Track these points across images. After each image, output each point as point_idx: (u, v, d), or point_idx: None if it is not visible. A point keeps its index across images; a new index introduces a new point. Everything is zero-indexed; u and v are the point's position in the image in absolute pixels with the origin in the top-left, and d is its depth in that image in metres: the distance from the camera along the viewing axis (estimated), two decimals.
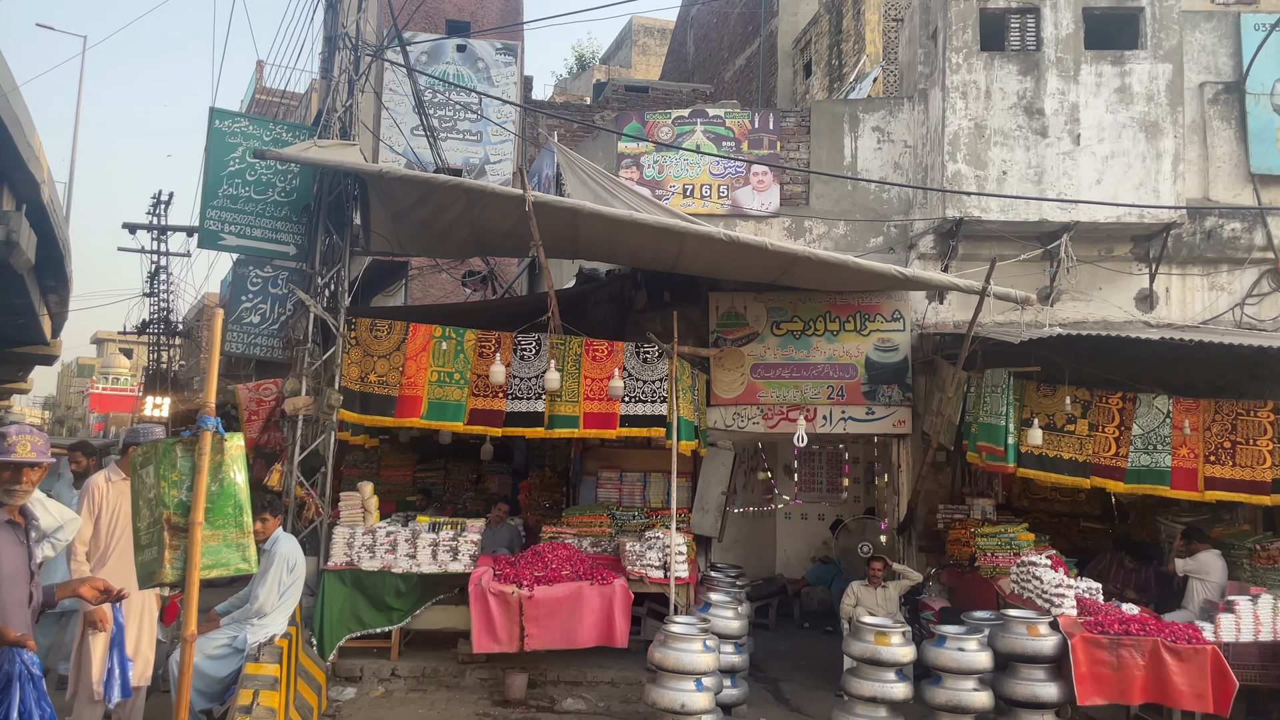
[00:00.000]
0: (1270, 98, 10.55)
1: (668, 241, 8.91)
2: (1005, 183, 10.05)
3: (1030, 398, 9.27)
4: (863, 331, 10.67)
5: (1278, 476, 8.72)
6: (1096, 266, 10.45)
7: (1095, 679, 7.21)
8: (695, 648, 7.27)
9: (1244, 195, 10.54)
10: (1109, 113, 10.01)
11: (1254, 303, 10.43)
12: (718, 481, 10.56)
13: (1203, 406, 8.93)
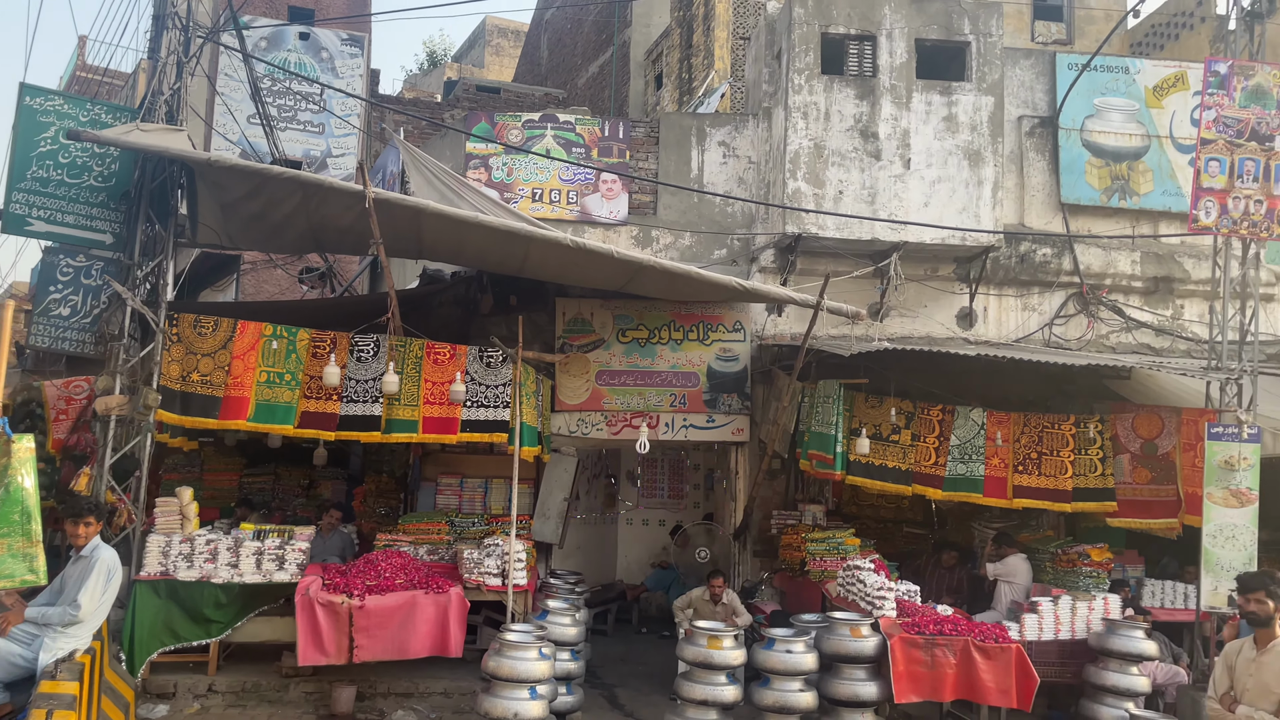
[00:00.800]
0: (1080, 133, 11.40)
1: (514, 245, 8.83)
2: (841, 202, 10.46)
3: (859, 408, 9.67)
4: (705, 341, 10.88)
5: (1078, 486, 9.40)
6: (923, 285, 11.01)
7: (911, 677, 7.58)
8: (530, 655, 7.21)
9: (1055, 223, 11.35)
10: (937, 139, 10.58)
11: (1061, 323, 11.22)
12: (560, 488, 10.54)
13: (1013, 419, 9.55)
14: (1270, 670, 5.12)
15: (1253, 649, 5.28)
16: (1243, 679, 5.20)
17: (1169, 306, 11.32)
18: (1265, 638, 5.25)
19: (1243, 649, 5.34)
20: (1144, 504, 9.44)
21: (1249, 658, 5.24)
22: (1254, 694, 5.12)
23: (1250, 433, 8.75)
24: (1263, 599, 5.24)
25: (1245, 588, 5.38)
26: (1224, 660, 5.43)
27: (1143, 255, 11.28)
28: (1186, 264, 11.22)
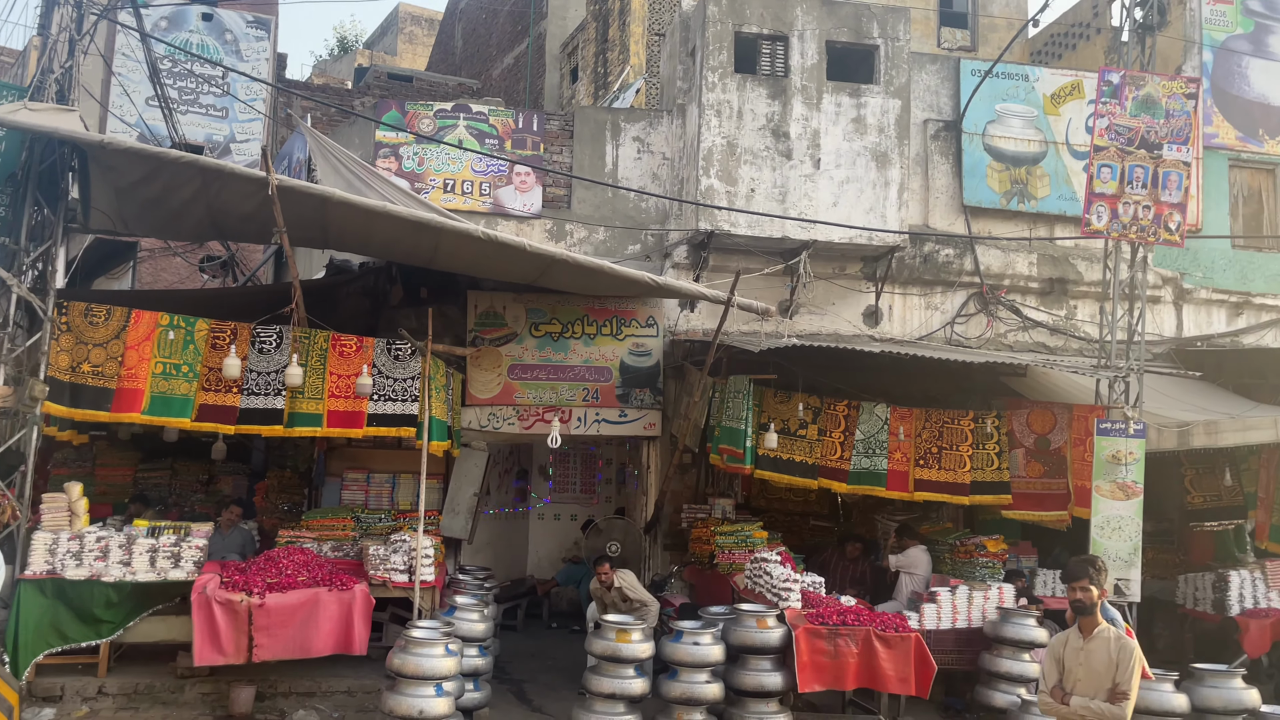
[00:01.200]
0: (982, 138, 11.76)
1: (424, 236, 8.70)
2: (753, 200, 10.59)
3: (768, 403, 9.81)
4: (619, 336, 10.89)
5: (975, 479, 9.71)
6: (831, 283, 11.22)
7: (815, 667, 7.73)
8: (437, 652, 7.13)
9: (957, 224, 11.69)
10: (846, 140, 10.79)
11: (962, 322, 11.57)
12: (470, 483, 10.44)
13: (916, 414, 9.80)
14: (1098, 657, 5.05)
15: (1079, 638, 5.18)
16: (1073, 669, 5.12)
17: (1063, 307, 11.76)
18: (1090, 625, 5.15)
19: (1069, 639, 5.23)
20: (1037, 497, 9.80)
21: (1076, 647, 5.16)
22: (1085, 683, 5.05)
23: (1136, 428, 9.16)
24: (1087, 587, 5.16)
25: (1070, 576, 5.29)
26: (1051, 653, 5.31)
27: (1039, 257, 11.70)
28: (1080, 266, 11.68)
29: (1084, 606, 5.16)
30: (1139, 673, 5.00)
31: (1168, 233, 9.36)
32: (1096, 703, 4.95)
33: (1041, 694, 5.27)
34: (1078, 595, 5.19)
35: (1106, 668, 5.01)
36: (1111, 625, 5.25)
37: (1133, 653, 5.00)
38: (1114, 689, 4.95)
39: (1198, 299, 11.99)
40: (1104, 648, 5.06)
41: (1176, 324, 11.93)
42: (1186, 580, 10.77)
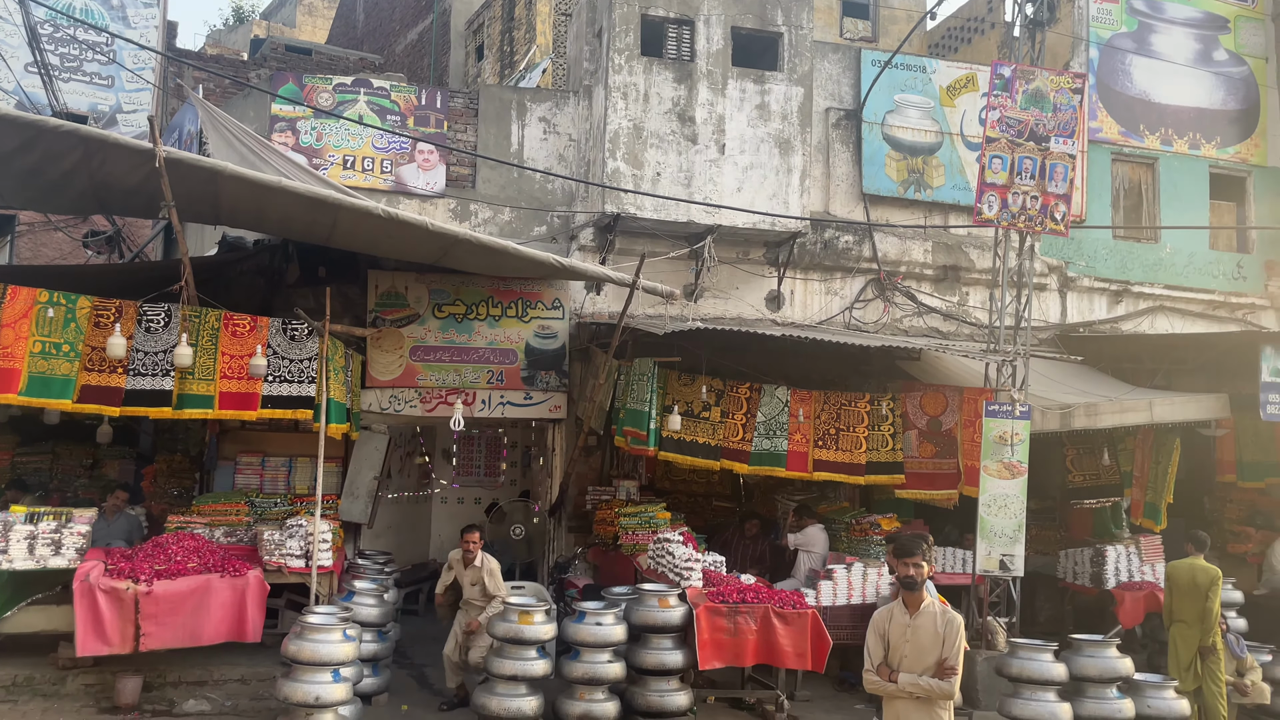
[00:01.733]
0: (881, 127, 12.03)
1: (322, 213, 8.47)
2: (659, 183, 10.63)
3: (672, 386, 9.89)
4: (524, 318, 10.82)
5: (871, 460, 9.98)
6: (735, 268, 11.36)
7: (715, 645, 7.86)
8: (334, 638, 7.01)
9: (857, 212, 11.95)
10: (750, 127, 10.91)
11: (860, 307, 11.85)
12: (370, 466, 10.26)
13: (815, 397, 10.02)
14: (925, 633, 4.89)
15: (905, 614, 5.00)
16: (899, 646, 4.94)
17: (956, 293, 12.15)
18: (916, 601, 4.98)
19: (894, 615, 5.04)
20: (929, 476, 10.13)
21: (903, 623, 4.98)
22: (912, 660, 4.89)
23: (1022, 410, 9.54)
24: (919, 562, 4.98)
25: (903, 552, 5.06)
26: (875, 629, 5.09)
27: (934, 245, 12.06)
28: (972, 254, 12.08)
29: (914, 583, 4.98)
30: (963, 643, 4.91)
31: (1054, 222, 9.75)
32: (925, 679, 4.83)
33: (867, 673, 5.06)
34: (909, 571, 4.98)
35: (933, 643, 4.88)
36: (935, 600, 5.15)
37: (959, 628, 4.91)
38: (942, 664, 4.84)
39: (1081, 287, 12.53)
40: (930, 623, 4.93)
41: (1061, 310, 12.45)
42: (1067, 555, 11.30)
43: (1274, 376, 9.98)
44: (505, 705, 7.40)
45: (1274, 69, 13.45)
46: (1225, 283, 13.01)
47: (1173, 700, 7.85)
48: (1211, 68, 13.25)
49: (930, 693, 4.83)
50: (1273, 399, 9.97)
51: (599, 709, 7.59)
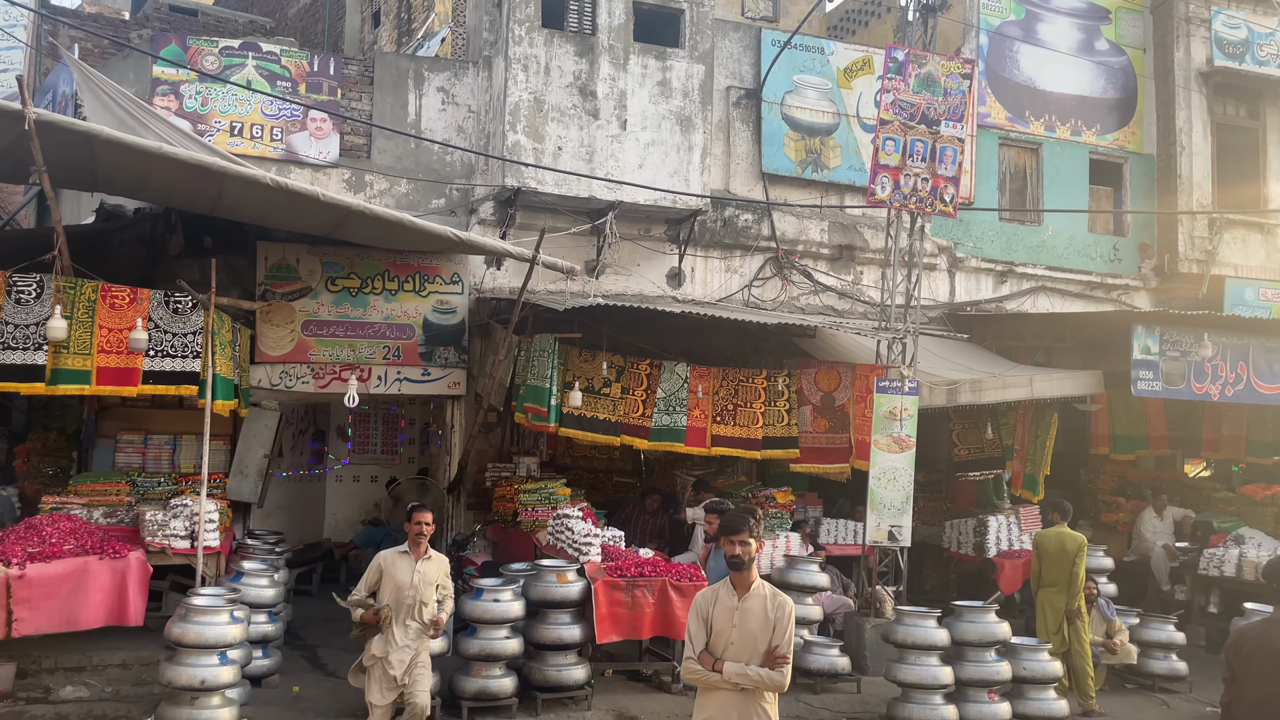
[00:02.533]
0: (781, 107, 12.18)
1: (206, 181, 8.14)
2: (560, 158, 10.55)
3: (573, 362, 9.88)
4: (422, 292, 10.64)
5: (767, 435, 10.17)
6: (636, 244, 11.38)
7: (613, 618, 7.93)
8: (220, 620, 6.83)
9: (756, 191, 12.09)
10: (652, 103, 10.91)
11: (759, 285, 12.02)
12: (260, 444, 9.97)
13: (714, 373, 10.15)
14: (754, 617, 4.44)
15: (732, 595, 4.50)
16: (724, 631, 4.45)
17: (851, 272, 12.43)
18: (744, 583, 4.51)
19: (719, 597, 4.54)
20: (822, 450, 10.39)
21: (730, 606, 4.49)
22: (739, 646, 4.41)
23: (911, 386, 9.84)
24: (746, 540, 4.50)
25: (729, 529, 4.58)
26: (697, 612, 4.57)
27: (830, 225, 12.30)
28: (867, 234, 12.36)
29: (742, 562, 4.49)
30: (793, 629, 4.50)
31: (943, 204, 10.05)
32: (755, 669, 4.36)
33: (688, 660, 4.52)
34: (736, 550, 4.49)
35: (763, 628, 4.42)
36: (766, 581, 4.69)
37: (790, 613, 4.49)
38: (772, 652, 4.41)
39: (969, 267, 12.96)
40: (760, 607, 4.47)
41: (950, 290, 12.86)
42: (952, 525, 11.76)
43: (1144, 354, 10.53)
44: None
45: (1151, 59, 14.09)
46: (1102, 264, 13.63)
47: (1046, 662, 8.26)
48: (1093, 57, 13.80)
49: (759, 683, 4.39)
50: (1143, 375, 10.52)
51: (496, 685, 7.58)
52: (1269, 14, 14.14)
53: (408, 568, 6.42)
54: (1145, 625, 9.81)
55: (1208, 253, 13.54)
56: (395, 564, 6.44)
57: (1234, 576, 10.96)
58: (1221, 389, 10.78)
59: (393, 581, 6.38)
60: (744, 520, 4.59)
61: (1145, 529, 12.33)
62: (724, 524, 4.67)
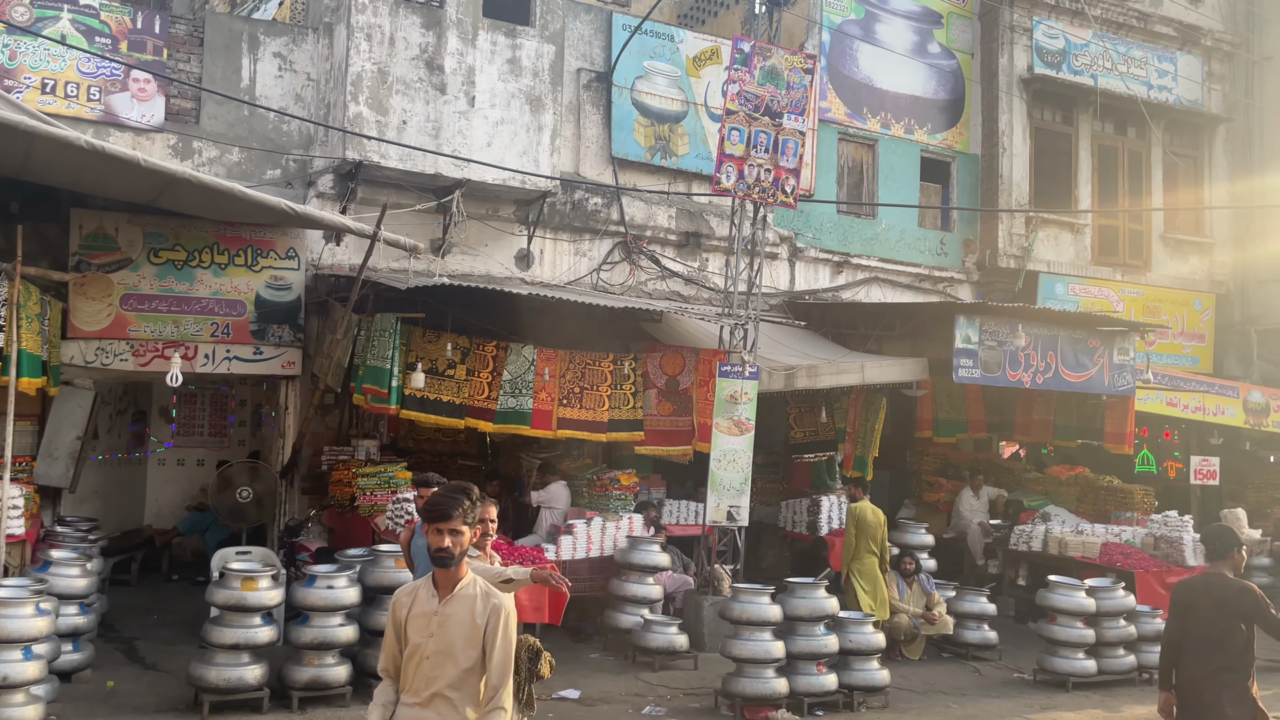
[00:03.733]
0: (631, 92, 12.24)
1: (13, 141, 7.50)
2: (405, 132, 10.26)
3: (416, 343, 9.67)
4: (254, 267, 10.16)
5: (613, 418, 10.25)
6: (484, 224, 11.22)
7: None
8: (24, 612, 6.35)
9: (606, 175, 12.13)
10: (501, 81, 10.75)
11: (608, 269, 12.07)
12: (72, 425, 9.33)
13: (561, 356, 10.14)
14: (458, 625, 3.47)
15: (433, 597, 3.53)
16: (421, 642, 3.50)
17: (697, 259, 12.66)
18: (449, 581, 3.53)
19: (417, 597, 3.58)
20: (666, 433, 10.56)
21: (428, 610, 3.51)
22: (433, 662, 3.47)
23: (751, 371, 10.12)
24: (458, 528, 3.51)
25: (434, 515, 3.53)
26: (391, 616, 3.62)
27: (678, 211, 12.47)
28: (712, 222, 12.60)
29: (450, 557, 3.47)
30: (513, 644, 3.53)
31: (784, 195, 10.35)
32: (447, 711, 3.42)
33: (382, 689, 3.63)
34: (445, 542, 3.47)
35: (467, 641, 3.46)
36: (483, 575, 3.87)
37: (505, 620, 3.47)
38: (484, 681, 3.47)
39: (808, 257, 13.42)
40: (466, 612, 3.48)
41: (790, 279, 13.28)
42: (788, 505, 12.20)
43: (965, 343, 11.17)
44: (225, 675, 7.02)
45: (978, 64, 14.91)
46: (930, 258, 14.38)
47: (870, 635, 8.69)
48: (926, 59, 14.50)
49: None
50: (964, 363, 11.16)
51: (329, 674, 7.37)
52: (1085, 26, 15.21)
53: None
54: (961, 598, 10.46)
55: (1024, 249, 14.49)
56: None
57: (1040, 551, 11.81)
58: (1033, 377, 11.58)
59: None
60: (454, 502, 3.54)
61: (963, 507, 13.15)
62: (428, 507, 3.58)
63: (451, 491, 3.64)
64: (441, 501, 3.58)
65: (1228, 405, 13.88)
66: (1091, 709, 8.85)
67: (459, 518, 3.54)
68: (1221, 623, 5.57)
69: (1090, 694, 9.30)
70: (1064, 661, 9.43)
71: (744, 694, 7.92)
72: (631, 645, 9.10)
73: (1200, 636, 5.66)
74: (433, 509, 3.57)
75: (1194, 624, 5.72)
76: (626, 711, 7.89)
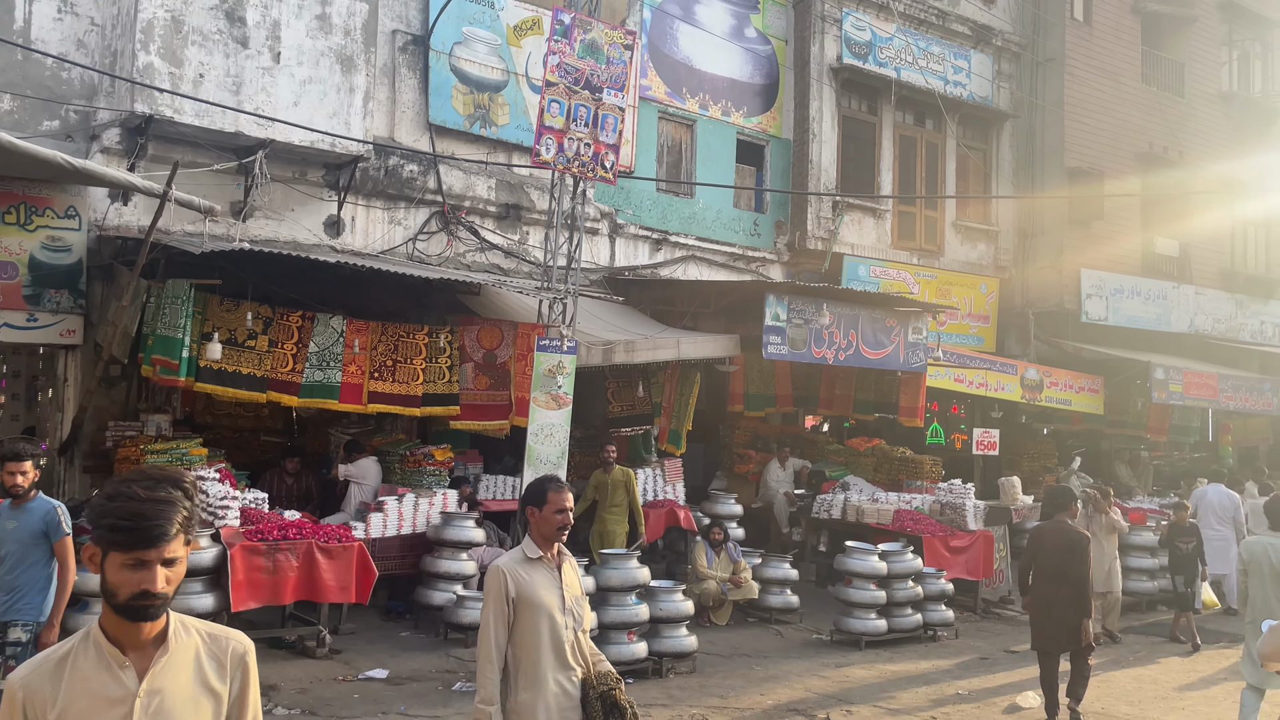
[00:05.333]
0: (449, 58, 11.92)
1: None
2: (202, 87, 9.60)
3: (213, 311, 9.13)
4: (28, 226, 9.29)
5: (427, 392, 10.04)
6: (291, 188, 10.68)
7: (251, 585, 7.49)
8: None
9: (423, 142, 11.79)
10: (310, 38, 10.22)
11: (424, 239, 11.77)
12: None
13: (372, 328, 9.82)
14: (180, 711, 2.20)
15: (113, 668, 2.16)
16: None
17: (517, 232, 12.53)
18: (148, 639, 2.20)
19: (73, 674, 2.16)
20: (483, 408, 10.44)
21: (113, 696, 2.14)
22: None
23: (569, 345, 10.13)
24: (177, 555, 2.19)
25: (140, 538, 2.11)
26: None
27: (498, 183, 12.29)
28: (533, 194, 12.50)
29: (160, 605, 2.13)
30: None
31: (604, 170, 10.38)
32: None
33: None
34: (157, 584, 2.11)
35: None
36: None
37: (251, 670, 2.36)
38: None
39: (628, 234, 13.55)
40: (187, 679, 2.22)
41: (610, 254, 13.37)
42: None
43: (775, 321, 11.59)
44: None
45: (792, 51, 15.42)
46: (744, 238, 14.82)
47: (681, 602, 8.94)
48: (743, 43, 14.86)
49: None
50: (773, 340, 11.59)
51: None
52: (889, 20, 15.99)
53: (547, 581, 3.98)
54: (766, 564, 10.92)
55: (831, 232, 15.17)
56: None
57: (840, 519, 12.49)
58: (836, 354, 12.16)
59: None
60: (167, 512, 2.14)
61: (770, 478, 13.71)
62: (123, 523, 2.13)
63: (153, 491, 2.13)
64: (146, 511, 2.10)
65: (1007, 382, 15.07)
66: (882, 665, 9.46)
67: (178, 536, 2.16)
68: (1065, 555, 7.57)
69: (881, 651, 9.94)
70: (858, 622, 10.02)
71: None
72: (443, 622, 8.98)
73: (1050, 566, 7.60)
74: (134, 528, 2.09)
75: (1045, 557, 7.68)
76: (436, 689, 7.79)
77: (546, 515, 3.92)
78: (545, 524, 3.93)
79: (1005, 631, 11.25)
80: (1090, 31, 17.58)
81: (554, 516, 3.92)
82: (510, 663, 3.82)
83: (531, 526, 3.97)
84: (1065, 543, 7.58)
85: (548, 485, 4.00)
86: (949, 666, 9.58)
